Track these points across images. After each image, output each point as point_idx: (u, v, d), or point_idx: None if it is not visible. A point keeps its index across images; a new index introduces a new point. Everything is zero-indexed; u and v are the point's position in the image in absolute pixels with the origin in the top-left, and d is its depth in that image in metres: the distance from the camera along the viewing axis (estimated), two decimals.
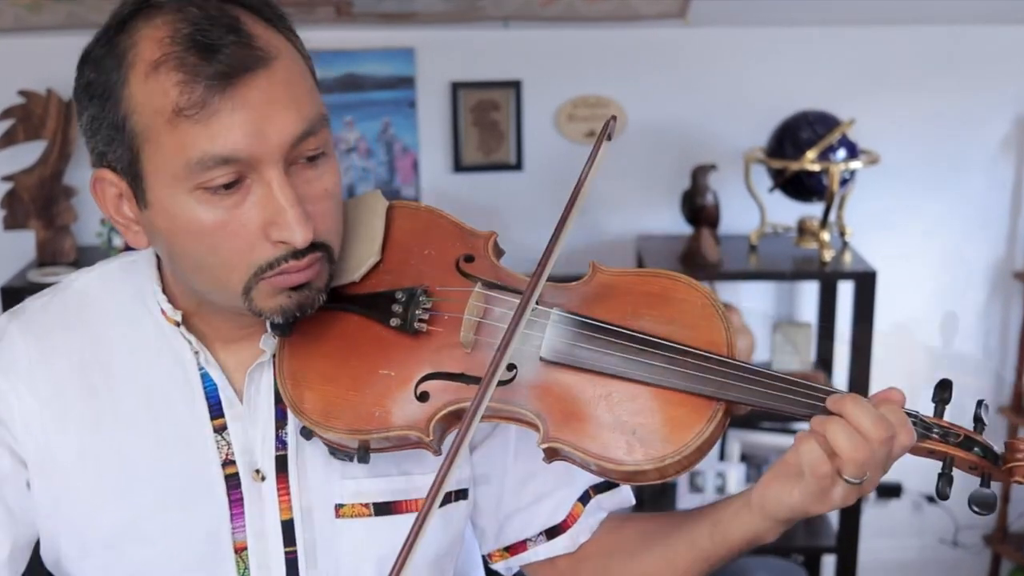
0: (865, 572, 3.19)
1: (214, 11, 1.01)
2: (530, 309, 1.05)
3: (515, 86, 3.06)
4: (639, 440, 1.04)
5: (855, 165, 2.82)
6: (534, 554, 1.27)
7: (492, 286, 1.12)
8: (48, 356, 1.17)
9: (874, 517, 3.35)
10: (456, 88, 3.05)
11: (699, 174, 2.88)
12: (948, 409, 1.06)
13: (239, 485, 1.16)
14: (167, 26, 1.01)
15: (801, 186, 2.87)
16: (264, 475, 1.16)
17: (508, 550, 1.29)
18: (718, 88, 3.09)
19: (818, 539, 3.04)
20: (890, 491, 3.34)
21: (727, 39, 3.07)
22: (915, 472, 3.22)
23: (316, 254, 1.06)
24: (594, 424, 1.05)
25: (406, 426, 1.08)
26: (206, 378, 1.17)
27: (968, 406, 1.07)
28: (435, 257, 1.15)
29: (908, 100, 3.10)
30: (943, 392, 1.05)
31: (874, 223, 3.12)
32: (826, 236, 2.86)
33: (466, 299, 1.10)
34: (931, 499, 3.36)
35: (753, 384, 1.03)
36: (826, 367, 3.10)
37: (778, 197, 2.96)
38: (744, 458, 3.15)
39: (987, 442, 1.02)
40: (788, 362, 2.96)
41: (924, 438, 1.02)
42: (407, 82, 3.03)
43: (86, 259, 2.87)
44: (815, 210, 2.96)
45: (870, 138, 2.99)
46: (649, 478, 1.05)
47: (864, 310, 2.83)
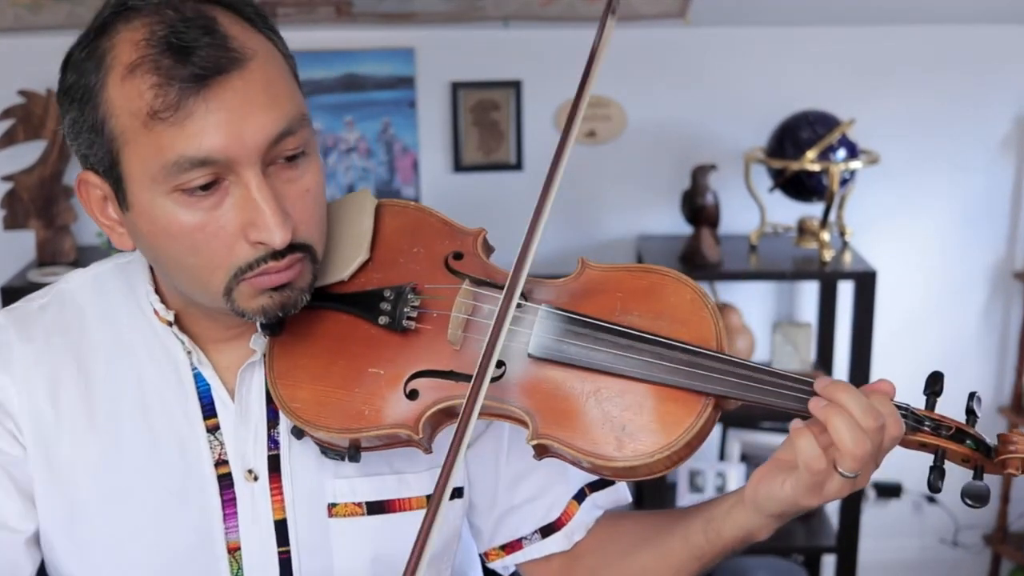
0: (865, 572, 3.19)
1: (190, 12, 1.02)
2: (517, 294, 1.05)
3: (515, 86, 3.06)
4: (628, 436, 1.04)
5: (855, 165, 2.82)
6: (529, 552, 1.27)
7: (480, 283, 1.12)
8: (43, 357, 1.17)
9: (874, 517, 3.35)
10: (456, 88, 3.05)
11: (699, 174, 2.88)
12: (943, 403, 1.05)
13: (232, 485, 1.16)
14: (144, 28, 1.01)
15: (801, 186, 2.87)
16: (257, 475, 1.16)
17: (504, 548, 1.29)
18: (718, 88, 3.09)
19: (818, 539, 3.04)
20: (890, 491, 3.34)
21: (727, 39, 3.07)
22: (915, 472, 3.21)
23: (297, 255, 1.06)
24: (583, 420, 1.05)
25: (396, 424, 1.09)
26: (199, 378, 1.17)
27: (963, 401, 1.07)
28: (424, 255, 1.15)
29: (908, 100, 3.11)
30: (934, 384, 1.05)
31: (874, 223, 3.12)
32: (826, 236, 2.86)
33: (454, 296, 1.10)
34: (931, 499, 3.35)
35: (741, 378, 1.03)
36: (826, 367, 3.11)
37: (778, 197, 2.96)
38: (744, 458, 3.15)
39: (979, 435, 1.02)
40: (788, 362, 2.96)
41: (915, 431, 1.02)
42: (407, 82, 3.03)
43: (86, 259, 2.87)
44: (815, 210, 2.96)
45: (870, 138, 2.99)
46: (639, 474, 1.05)
47: (864, 310, 2.83)
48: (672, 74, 3.08)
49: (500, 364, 1.07)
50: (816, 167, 2.79)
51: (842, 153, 2.81)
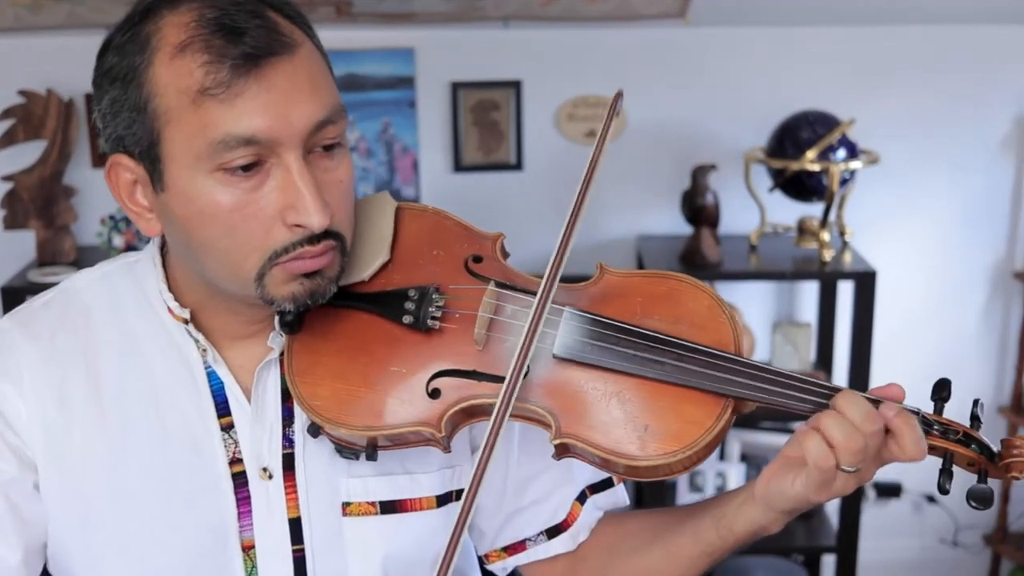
0: (865, 572, 3.19)
1: None
2: (550, 299, 1.07)
3: (515, 86, 3.06)
4: (651, 436, 1.05)
5: (855, 165, 2.82)
6: (533, 553, 1.28)
7: (504, 285, 1.14)
8: (51, 358, 1.17)
9: (874, 517, 3.35)
10: (456, 88, 3.05)
11: (699, 174, 2.89)
12: (947, 408, 1.08)
13: (246, 484, 1.17)
14: (192, 12, 1.03)
15: (801, 186, 2.87)
16: (271, 473, 1.17)
17: (506, 550, 1.29)
18: (718, 88, 3.09)
19: (818, 539, 3.04)
20: (890, 491, 3.34)
21: (727, 39, 3.07)
22: (915, 472, 3.24)
23: (331, 242, 1.07)
24: (606, 420, 1.07)
25: (417, 423, 1.09)
26: (212, 376, 1.17)
27: (967, 405, 1.09)
28: (444, 257, 1.17)
29: (908, 100, 3.11)
30: (941, 391, 1.07)
31: (874, 223, 3.13)
32: (826, 236, 2.86)
33: (480, 296, 1.11)
34: (931, 499, 3.36)
35: (761, 381, 1.05)
36: (826, 367, 3.11)
37: (778, 197, 2.96)
38: (744, 458, 3.15)
39: (984, 439, 1.05)
40: (788, 362, 2.96)
41: (925, 434, 1.03)
42: (407, 82, 3.03)
43: (86, 259, 2.87)
44: (815, 210, 2.96)
45: (870, 138, 2.99)
46: (659, 473, 1.07)
47: (864, 310, 2.83)
48: (672, 74, 3.08)
49: None
50: (816, 167, 2.79)
51: (842, 153, 2.81)
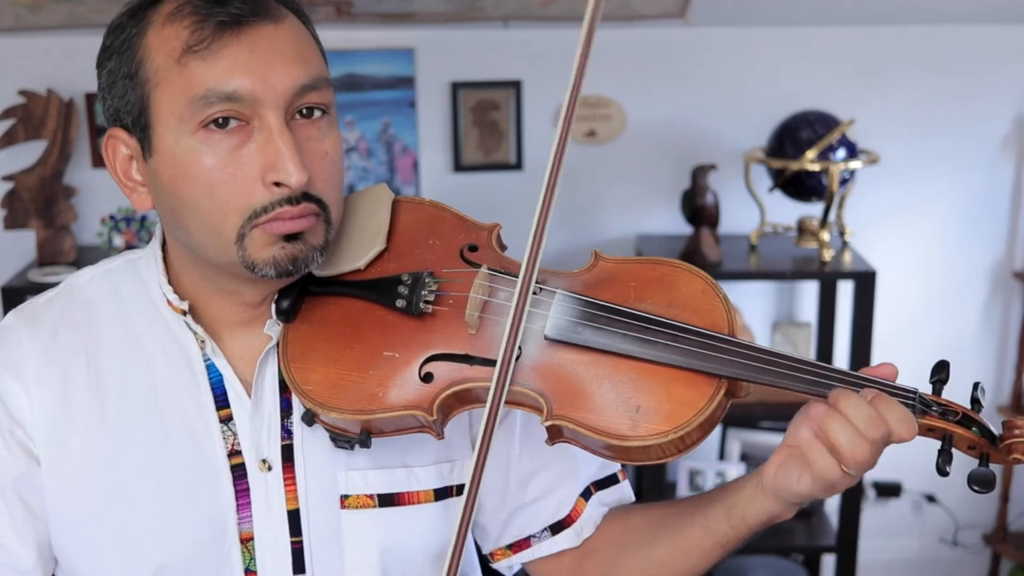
0: (865, 572, 3.19)
1: None
2: (537, 265, 1.07)
3: (515, 86, 3.06)
4: (642, 416, 1.05)
5: (855, 165, 2.82)
6: (538, 550, 1.28)
7: (497, 270, 1.14)
8: (54, 353, 1.18)
9: (874, 517, 3.35)
10: (456, 88, 3.05)
11: (699, 174, 2.89)
12: (946, 397, 1.07)
13: (245, 475, 1.17)
14: None
15: (801, 186, 2.87)
16: (271, 465, 1.17)
17: (511, 548, 1.29)
18: (718, 88, 3.09)
19: (818, 539, 3.04)
20: (890, 491, 3.34)
21: (727, 39, 3.07)
22: (915, 472, 3.24)
23: (312, 205, 1.08)
24: (598, 401, 1.07)
25: (409, 406, 1.09)
26: (211, 368, 1.18)
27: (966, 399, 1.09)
28: (440, 246, 1.18)
29: (908, 100, 3.11)
30: (940, 372, 1.08)
31: (874, 223, 3.13)
32: (826, 236, 2.86)
33: (471, 280, 1.12)
34: (931, 498, 3.36)
35: (755, 361, 1.05)
36: None
37: (778, 197, 2.96)
38: (744, 458, 3.15)
39: (985, 421, 1.05)
40: None
41: (923, 414, 1.04)
42: (407, 82, 3.04)
43: (86, 259, 2.88)
44: (815, 210, 2.96)
45: (870, 138, 2.99)
46: (652, 455, 1.07)
47: (864, 310, 2.83)
48: (672, 74, 3.08)
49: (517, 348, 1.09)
50: (816, 167, 2.79)
51: (842, 153, 2.81)
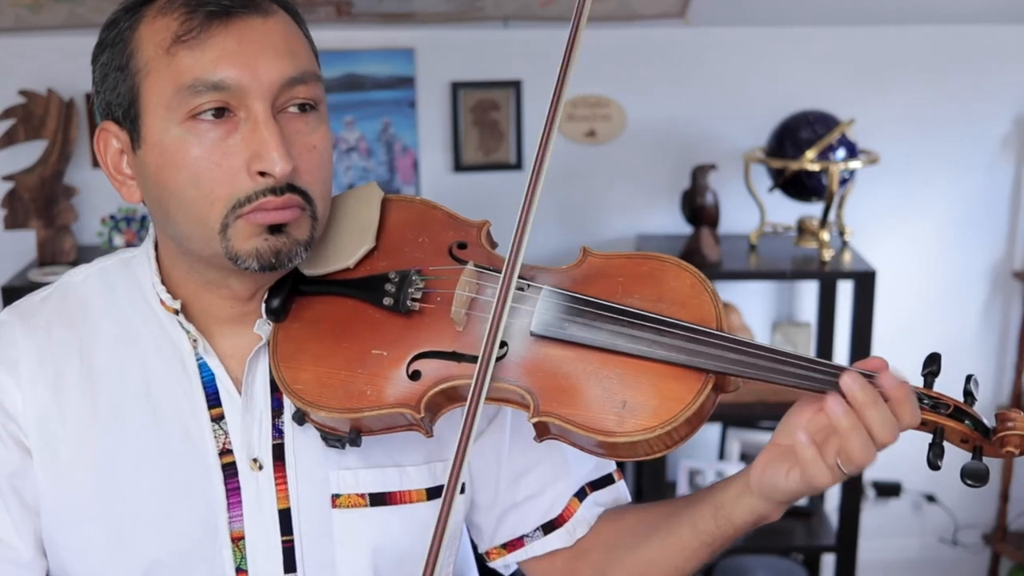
0: (865, 572, 3.19)
1: None
2: (520, 258, 1.07)
3: (515, 86, 3.06)
4: (629, 412, 1.05)
5: (855, 165, 2.82)
6: (531, 549, 1.28)
7: (483, 266, 1.14)
8: (48, 350, 1.18)
9: (874, 517, 3.35)
10: (456, 88, 3.05)
11: (699, 174, 2.89)
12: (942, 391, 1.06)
13: (236, 474, 1.17)
14: None
15: (801, 186, 2.87)
16: (262, 464, 1.17)
17: (505, 547, 1.30)
18: (718, 88, 3.09)
19: (818, 539, 3.05)
20: (890, 490, 3.34)
21: (727, 39, 3.07)
22: (915, 472, 3.24)
23: (296, 197, 1.08)
24: (584, 397, 1.06)
25: (398, 404, 1.10)
26: (203, 368, 1.18)
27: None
28: (428, 244, 1.18)
29: (908, 100, 3.11)
30: (931, 365, 1.07)
31: (874, 223, 3.13)
32: (826, 236, 2.86)
33: (458, 277, 1.12)
34: (931, 498, 3.36)
35: (742, 355, 1.04)
36: None
37: (778, 197, 2.96)
38: (744, 458, 3.15)
39: (977, 414, 1.03)
40: None
41: None
42: (407, 82, 3.04)
43: (86, 259, 2.85)
44: (815, 210, 2.96)
45: (870, 138, 2.99)
46: (639, 451, 1.06)
47: (864, 310, 2.83)
48: (672, 74, 3.08)
49: (503, 344, 1.09)
50: (816, 167, 2.79)
51: (841, 153, 2.81)
